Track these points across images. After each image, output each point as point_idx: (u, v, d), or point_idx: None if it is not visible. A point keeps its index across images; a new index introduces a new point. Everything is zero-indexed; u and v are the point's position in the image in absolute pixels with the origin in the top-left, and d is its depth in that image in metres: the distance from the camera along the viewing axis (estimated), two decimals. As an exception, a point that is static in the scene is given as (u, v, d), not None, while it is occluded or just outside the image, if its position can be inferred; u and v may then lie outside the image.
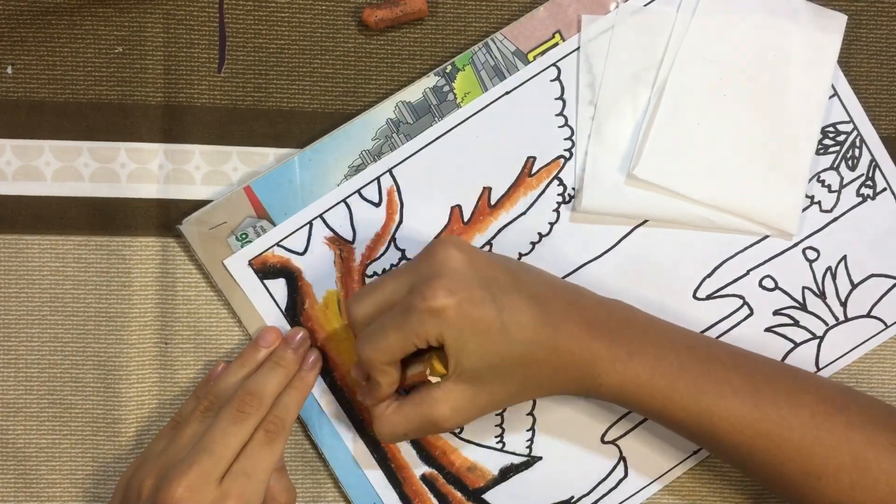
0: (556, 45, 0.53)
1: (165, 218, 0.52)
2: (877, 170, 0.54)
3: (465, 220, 0.53)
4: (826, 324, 0.54)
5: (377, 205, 0.53)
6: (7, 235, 0.52)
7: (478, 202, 0.53)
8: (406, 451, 0.53)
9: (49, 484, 0.53)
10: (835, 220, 0.54)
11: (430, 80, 0.52)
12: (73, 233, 0.52)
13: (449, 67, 0.52)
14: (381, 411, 0.48)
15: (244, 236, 0.52)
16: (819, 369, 0.54)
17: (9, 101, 0.52)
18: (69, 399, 0.52)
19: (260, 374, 0.49)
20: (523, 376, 0.46)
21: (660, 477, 0.54)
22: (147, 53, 0.52)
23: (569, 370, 0.46)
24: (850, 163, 0.54)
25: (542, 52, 0.53)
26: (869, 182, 0.54)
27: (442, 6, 0.53)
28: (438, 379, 0.46)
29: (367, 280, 0.53)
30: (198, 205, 0.52)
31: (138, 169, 0.52)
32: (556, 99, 0.53)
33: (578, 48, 0.53)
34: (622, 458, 0.54)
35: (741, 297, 0.54)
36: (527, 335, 0.45)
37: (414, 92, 0.52)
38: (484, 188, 0.53)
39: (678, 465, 0.54)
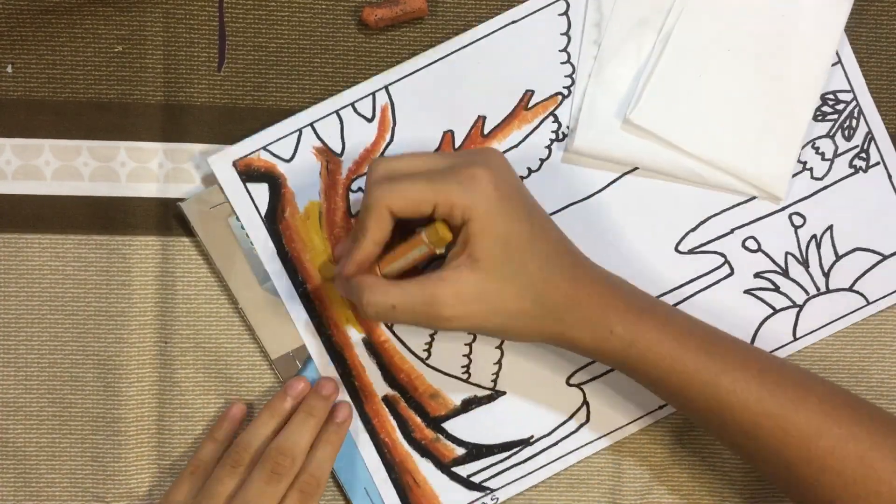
0: None
1: (165, 217, 0.52)
2: (872, 143, 0.54)
3: (456, 146, 0.53)
4: (807, 293, 0.54)
5: (370, 120, 0.52)
6: (7, 234, 0.52)
7: (471, 130, 0.53)
8: (371, 372, 0.53)
9: (49, 483, 0.53)
10: (825, 188, 0.54)
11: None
12: (73, 232, 0.52)
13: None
14: (373, 280, 0.44)
15: None
16: (796, 339, 0.54)
17: (8, 100, 0.52)
18: (69, 398, 0.52)
19: (292, 428, 0.49)
20: (539, 295, 0.44)
21: (621, 427, 0.53)
22: (147, 52, 0.52)
23: (584, 309, 0.45)
24: (846, 133, 0.54)
25: (554, -17, 0.53)
26: (863, 154, 0.54)
27: (442, 5, 0.53)
28: (442, 250, 0.44)
29: (352, 195, 0.52)
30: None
31: (138, 168, 0.52)
32: (561, 34, 0.53)
33: None
34: (585, 403, 0.53)
35: (723, 255, 0.54)
36: (551, 254, 0.44)
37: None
38: (478, 117, 0.53)
39: (641, 417, 0.53)
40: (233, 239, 0.52)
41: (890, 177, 0.54)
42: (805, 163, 0.54)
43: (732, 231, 0.54)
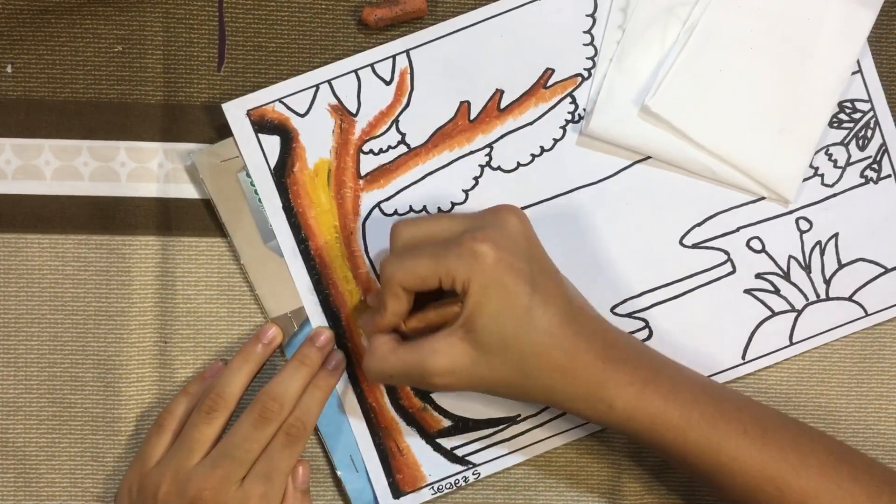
0: None
1: (165, 217, 0.52)
2: (885, 155, 0.54)
3: (472, 117, 0.53)
4: (806, 298, 0.54)
5: (388, 83, 0.52)
6: (6, 234, 0.52)
7: (487, 103, 0.53)
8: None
9: (48, 483, 0.53)
10: (834, 195, 0.54)
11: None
12: (73, 232, 0.52)
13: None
14: (377, 346, 0.46)
15: None
16: (792, 343, 0.54)
17: (8, 100, 0.52)
18: (69, 398, 0.52)
19: (283, 374, 0.49)
20: (531, 369, 0.45)
21: None
22: (146, 52, 0.52)
23: (580, 384, 0.45)
24: (860, 142, 0.54)
25: (584, -37, 0.52)
26: (875, 165, 0.54)
27: (441, 5, 0.53)
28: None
29: (363, 155, 0.52)
30: (198, 204, 0.52)
31: (138, 168, 0.52)
32: (587, 15, 0.53)
33: None
34: None
35: (726, 252, 0.54)
36: (548, 327, 0.44)
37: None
38: (496, 90, 0.53)
39: None
40: (241, 194, 0.52)
41: None
42: (817, 168, 0.54)
43: (738, 229, 0.54)
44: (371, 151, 0.52)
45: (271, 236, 0.52)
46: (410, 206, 0.52)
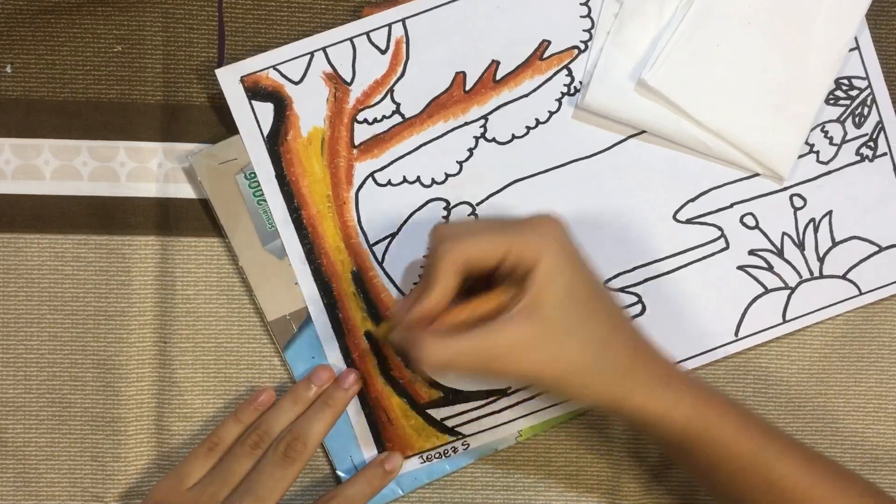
0: None
1: (165, 217, 0.52)
2: (881, 133, 0.54)
3: (467, 88, 0.52)
4: (800, 276, 0.54)
5: (383, 52, 0.52)
6: (6, 234, 0.52)
7: (483, 74, 0.53)
8: (356, 305, 0.52)
9: (48, 483, 0.52)
10: (829, 173, 0.54)
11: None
12: (73, 232, 0.52)
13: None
14: (425, 335, 0.42)
15: (252, 175, 0.52)
16: (786, 321, 0.54)
17: (8, 99, 0.52)
18: (68, 398, 0.52)
19: (309, 415, 0.50)
20: (602, 347, 0.43)
21: None
22: (146, 52, 0.52)
23: (649, 373, 0.44)
24: (856, 119, 0.54)
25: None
26: (871, 143, 0.54)
27: (441, 5, 0.53)
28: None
29: (357, 125, 0.52)
30: (197, 204, 0.52)
31: (137, 168, 0.52)
32: None
33: None
34: None
35: (720, 228, 0.54)
36: (612, 314, 0.44)
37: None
38: (492, 61, 0.52)
39: None
40: (239, 196, 0.52)
41: (895, 169, 0.54)
42: (812, 145, 0.54)
43: (732, 205, 0.54)
44: (365, 121, 0.52)
45: (270, 239, 0.52)
46: (404, 177, 0.52)
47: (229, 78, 0.51)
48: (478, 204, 0.53)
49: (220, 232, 0.52)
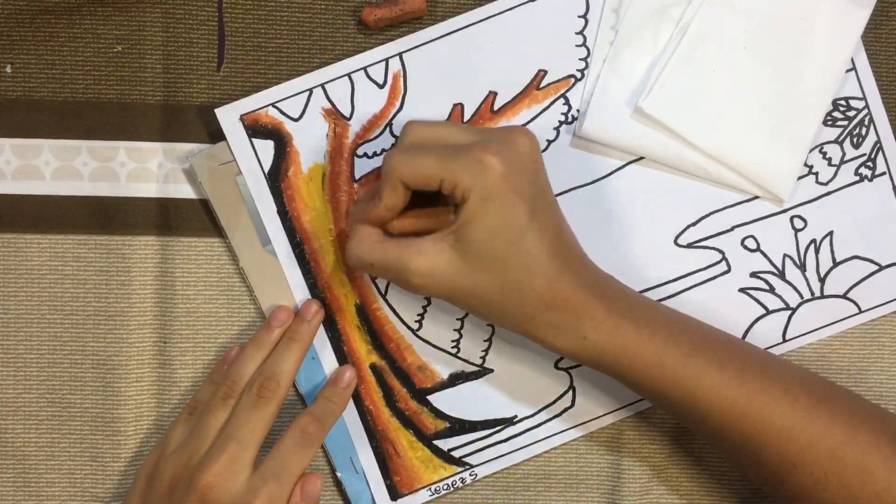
0: None
1: (165, 217, 0.52)
2: (880, 152, 0.54)
3: (465, 120, 0.53)
4: (801, 296, 0.54)
5: (381, 86, 0.52)
6: (6, 234, 0.52)
7: (481, 105, 0.53)
8: (361, 339, 0.53)
9: (48, 483, 0.53)
10: (828, 193, 0.54)
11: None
12: (73, 232, 0.52)
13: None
14: (365, 234, 0.46)
15: None
16: (785, 341, 0.54)
17: (8, 100, 0.52)
18: (68, 398, 0.52)
19: (276, 354, 0.49)
20: (512, 291, 0.45)
21: (602, 416, 0.53)
22: (146, 52, 0.52)
23: (557, 314, 0.45)
24: (854, 140, 0.54)
25: (575, -35, 0.52)
26: (869, 163, 0.54)
27: (441, 5, 0.53)
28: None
29: (357, 159, 0.52)
30: (197, 204, 0.52)
31: (137, 168, 0.52)
32: (579, 16, 0.53)
33: None
34: (572, 388, 0.53)
35: (721, 251, 0.54)
36: (538, 254, 0.44)
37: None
38: (490, 92, 0.53)
39: (624, 407, 0.53)
40: (239, 197, 0.52)
41: (894, 188, 0.54)
42: (811, 167, 0.54)
43: (733, 228, 0.54)
44: (365, 154, 0.52)
45: (269, 239, 0.52)
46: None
47: (229, 117, 0.51)
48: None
49: (220, 232, 0.52)
